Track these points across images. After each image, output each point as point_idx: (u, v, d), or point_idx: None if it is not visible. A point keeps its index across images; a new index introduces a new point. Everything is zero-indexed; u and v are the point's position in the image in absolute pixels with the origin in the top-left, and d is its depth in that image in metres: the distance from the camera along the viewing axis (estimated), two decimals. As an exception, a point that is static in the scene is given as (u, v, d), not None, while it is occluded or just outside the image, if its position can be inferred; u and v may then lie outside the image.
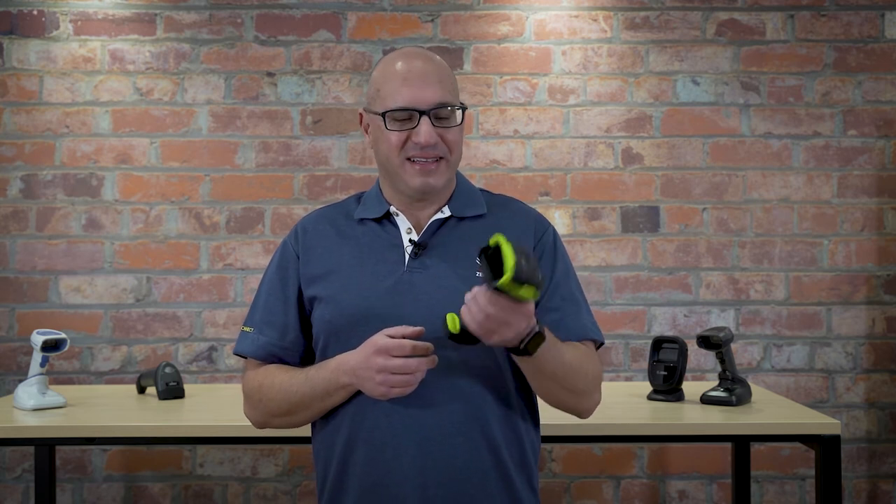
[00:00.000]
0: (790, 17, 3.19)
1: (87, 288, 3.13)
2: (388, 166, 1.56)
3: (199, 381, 3.11)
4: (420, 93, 1.50)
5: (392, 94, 1.52)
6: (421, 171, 1.52)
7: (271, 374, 1.57)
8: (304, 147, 3.17)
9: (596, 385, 1.57)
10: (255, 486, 3.13)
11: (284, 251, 1.63)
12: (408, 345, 1.39)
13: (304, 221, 1.65)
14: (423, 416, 1.46)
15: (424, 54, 1.57)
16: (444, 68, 1.57)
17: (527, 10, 3.18)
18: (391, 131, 1.52)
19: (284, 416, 1.56)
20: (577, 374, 1.50)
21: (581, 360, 1.52)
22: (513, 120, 3.17)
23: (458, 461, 1.47)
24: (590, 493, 3.14)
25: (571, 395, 1.52)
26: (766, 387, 3.12)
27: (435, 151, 1.52)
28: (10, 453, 3.12)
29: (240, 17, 3.17)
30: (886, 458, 3.18)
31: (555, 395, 1.52)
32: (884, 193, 3.18)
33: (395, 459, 1.46)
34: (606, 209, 3.17)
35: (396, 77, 1.53)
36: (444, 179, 1.55)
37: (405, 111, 1.51)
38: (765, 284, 3.17)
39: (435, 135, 1.50)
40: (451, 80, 1.57)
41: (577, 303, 1.60)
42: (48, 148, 3.14)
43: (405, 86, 1.51)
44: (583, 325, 1.58)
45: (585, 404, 1.57)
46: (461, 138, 1.58)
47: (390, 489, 1.47)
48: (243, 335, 1.62)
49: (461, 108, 1.56)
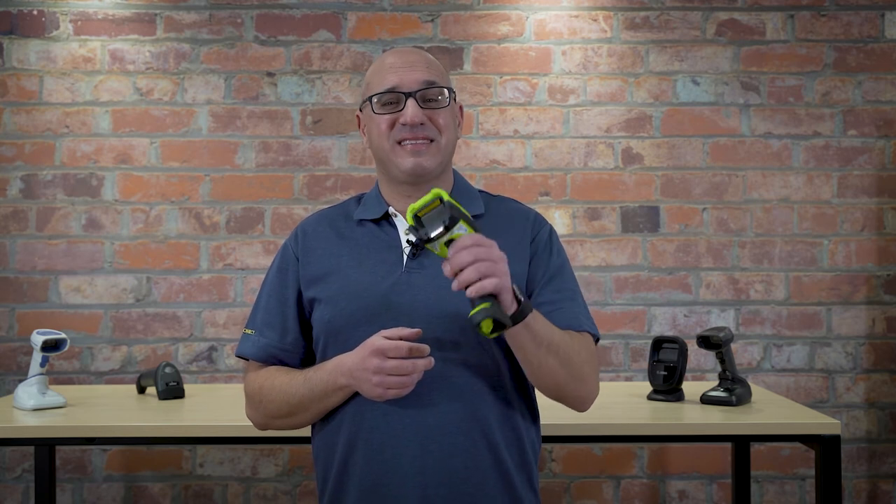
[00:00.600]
0: (790, 17, 3.19)
1: (87, 288, 3.14)
2: (381, 155, 1.57)
3: (199, 381, 3.11)
4: (405, 76, 1.54)
5: (379, 80, 1.56)
6: (411, 152, 1.53)
7: (271, 375, 1.57)
8: (304, 147, 3.17)
9: (592, 372, 1.53)
10: (255, 486, 3.13)
11: (285, 253, 1.64)
12: (404, 346, 1.39)
13: (305, 223, 1.66)
14: (422, 416, 1.46)
15: (412, 48, 1.62)
16: (431, 59, 1.60)
17: (527, 10, 3.18)
18: (379, 115, 1.54)
19: (285, 417, 1.56)
20: (571, 353, 1.47)
21: (574, 341, 1.49)
22: (513, 120, 3.17)
23: (458, 461, 1.47)
24: (590, 493, 3.14)
25: (569, 375, 1.47)
26: (766, 387, 3.12)
27: (424, 132, 1.53)
28: (10, 453, 3.12)
29: (240, 17, 3.17)
30: (886, 458, 3.18)
31: (552, 376, 1.46)
32: (884, 193, 3.18)
33: (394, 459, 1.47)
34: (606, 209, 3.17)
35: (384, 67, 1.57)
36: (435, 162, 1.55)
37: (392, 93, 1.53)
38: (765, 284, 3.17)
39: (421, 114, 1.52)
40: (439, 68, 1.60)
41: (572, 297, 1.58)
42: (48, 148, 3.14)
43: (391, 72, 1.55)
44: (576, 316, 1.56)
45: (584, 390, 1.52)
46: (452, 122, 1.59)
47: (390, 489, 1.47)
48: (245, 337, 1.63)
49: (449, 89, 1.57)
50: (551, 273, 1.58)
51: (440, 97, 1.55)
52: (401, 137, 1.53)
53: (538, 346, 1.43)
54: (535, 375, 1.48)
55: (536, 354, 1.44)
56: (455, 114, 1.61)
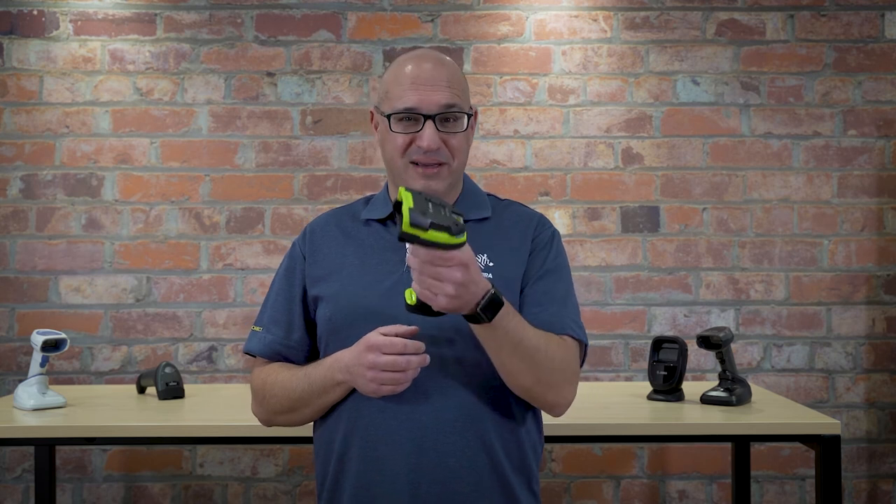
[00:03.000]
0: (790, 17, 3.19)
1: (87, 288, 3.14)
2: (392, 167, 1.58)
3: (199, 381, 3.11)
4: (426, 96, 1.51)
5: (400, 96, 1.52)
6: (423, 175, 1.53)
7: (275, 371, 1.60)
8: (304, 147, 3.17)
9: (567, 378, 1.50)
10: (255, 486, 3.13)
11: (293, 252, 1.67)
12: (399, 343, 1.40)
13: (314, 223, 1.69)
14: (418, 413, 1.47)
15: (436, 57, 1.57)
16: (454, 73, 1.56)
17: (527, 10, 3.18)
18: (396, 133, 1.53)
19: (287, 413, 1.58)
20: (541, 359, 1.44)
21: (549, 344, 1.47)
22: (513, 120, 3.17)
23: (452, 460, 1.47)
24: (590, 493, 3.14)
25: (537, 383, 1.46)
26: (766, 387, 3.12)
27: (437, 157, 1.52)
28: (10, 453, 3.12)
29: (240, 17, 3.17)
30: (886, 458, 3.18)
31: (516, 378, 1.45)
32: (884, 193, 3.18)
33: (388, 457, 1.47)
34: (606, 209, 3.17)
35: (405, 80, 1.53)
36: (445, 184, 1.55)
37: (411, 113, 1.51)
38: (765, 284, 3.17)
39: (438, 140, 1.51)
40: (461, 84, 1.57)
41: (562, 300, 1.56)
42: (48, 148, 3.14)
43: (412, 89, 1.51)
44: (560, 319, 1.53)
45: (553, 397, 1.49)
46: (466, 145, 1.57)
47: (383, 486, 1.47)
48: (252, 334, 1.66)
49: (468, 114, 1.56)
50: (545, 271, 1.57)
51: (459, 121, 1.54)
52: (415, 159, 1.53)
53: (500, 346, 1.41)
54: (501, 373, 1.47)
55: (499, 355, 1.43)
56: (471, 132, 1.59)
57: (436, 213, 1.27)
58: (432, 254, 1.29)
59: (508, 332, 1.40)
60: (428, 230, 1.25)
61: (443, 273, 1.30)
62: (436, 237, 1.26)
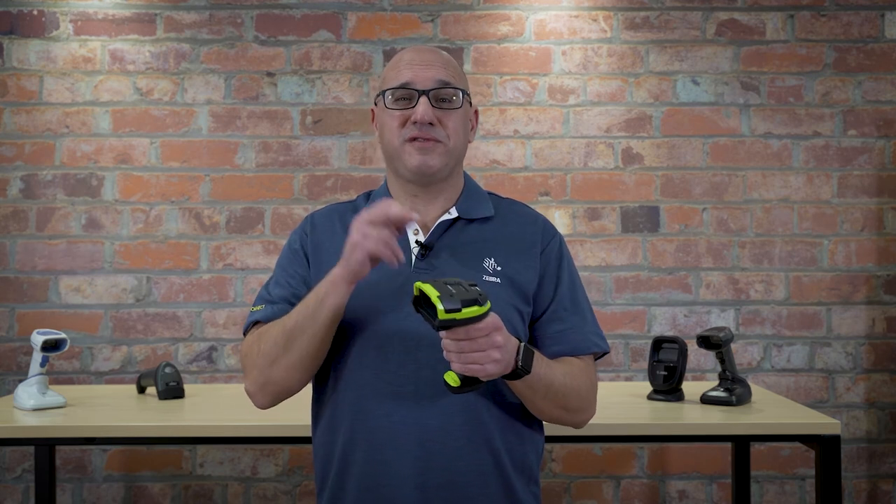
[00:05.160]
0: (790, 17, 3.19)
1: (87, 288, 3.14)
2: (390, 150, 1.57)
3: (199, 381, 3.11)
4: (420, 73, 1.54)
5: (394, 76, 1.56)
6: (419, 149, 1.53)
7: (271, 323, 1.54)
8: (304, 147, 3.17)
9: (590, 401, 1.58)
10: (255, 486, 3.13)
11: (293, 243, 1.63)
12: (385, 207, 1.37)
13: (315, 216, 1.66)
14: (424, 417, 1.46)
15: (431, 48, 1.62)
16: (449, 59, 1.60)
17: (527, 10, 3.18)
18: (391, 109, 1.55)
19: (282, 354, 1.48)
20: (570, 392, 1.51)
21: (575, 377, 1.53)
22: (513, 120, 3.17)
23: (459, 464, 1.46)
24: (590, 493, 3.14)
25: (565, 412, 1.54)
26: (766, 387, 3.12)
27: (432, 133, 1.52)
28: (10, 453, 3.12)
29: (240, 17, 3.17)
30: (886, 458, 3.18)
31: (549, 413, 1.53)
32: (884, 193, 3.18)
33: (395, 460, 1.46)
34: (606, 209, 3.17)
35: (401, 62, 1.57)
36: (441, 162, 1.54)
37: (405, 89, 1.53)
38: (765, 284, 3.17)
39: (431, 114, 1.52)
40: (456, 69, 1.60)
41: (582, 313, 1.60)
42: (48, 148, 3.14)
43: (406, 68, 1.55)
44: (586, 337, 1.58)
45: (579, 419, 1.58)
46: (463, 126, 1.58)
47: (390, 489, 1.46)
48: (251, 314, 1.60)
49: (464, 91, 1.57)
50: (562, 291, 1.59)
51: (454, 98, 1.55)
52: (410, 136, 1.53)
53: (535, 392, 1.47)
54: (533, 411, 1.53)
55: (534, 399, 1.49)
56: (468, 117, 1.61)
57: (458, 291, 1.30)
58: (468, 330, 1.31)
59: (542, 377, 1.45)
60: (461, 310, 1.29)
61: (483, 343, 1.33)
62: (470, 313, 1.30)
